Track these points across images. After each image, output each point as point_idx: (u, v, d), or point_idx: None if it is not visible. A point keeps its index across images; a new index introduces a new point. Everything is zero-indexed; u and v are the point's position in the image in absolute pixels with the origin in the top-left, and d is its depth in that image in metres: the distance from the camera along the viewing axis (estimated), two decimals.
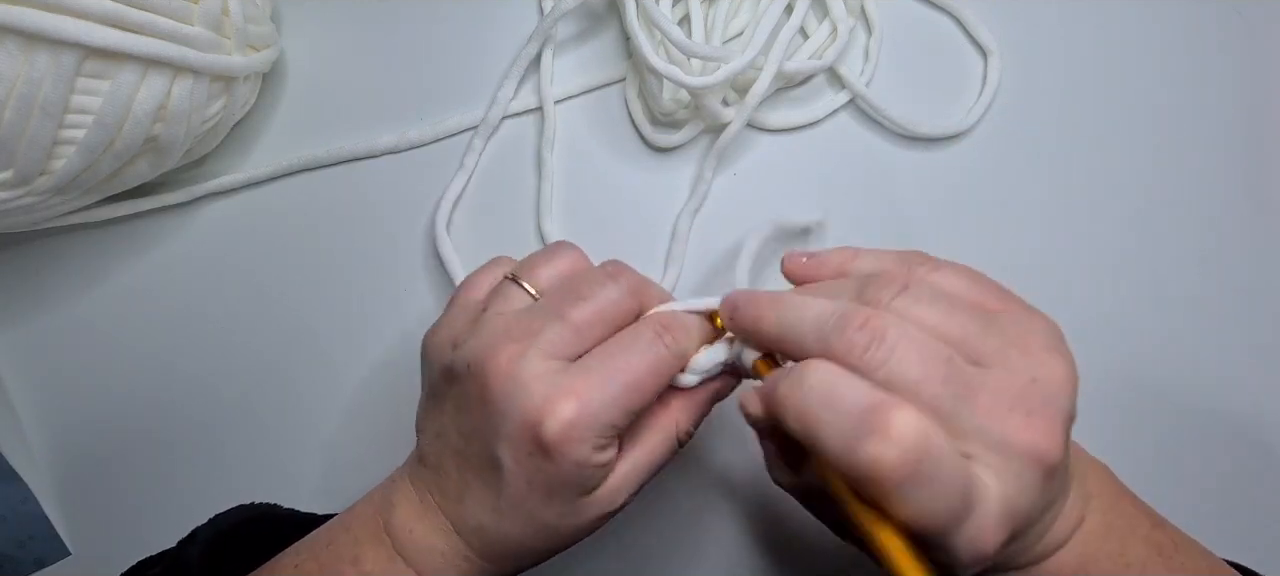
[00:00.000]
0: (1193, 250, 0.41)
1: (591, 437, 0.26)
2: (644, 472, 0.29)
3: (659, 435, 0.29)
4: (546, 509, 0.28)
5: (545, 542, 0.29)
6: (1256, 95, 0.42)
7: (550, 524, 0.28)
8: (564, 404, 0.26)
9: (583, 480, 0.27)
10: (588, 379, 0.26)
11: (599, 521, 0.29)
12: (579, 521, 0.28)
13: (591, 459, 0.27)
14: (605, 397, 0.26)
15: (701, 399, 0.30)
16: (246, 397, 0.41)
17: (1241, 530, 0.38)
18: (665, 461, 0.30)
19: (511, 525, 0.28)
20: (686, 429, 0.30)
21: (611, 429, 0.27)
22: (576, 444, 0.26)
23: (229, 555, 0.32)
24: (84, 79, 0.32)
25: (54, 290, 0.42)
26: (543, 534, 0.28)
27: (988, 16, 0.42)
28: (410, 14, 0.44)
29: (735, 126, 0.40)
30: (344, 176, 0.43)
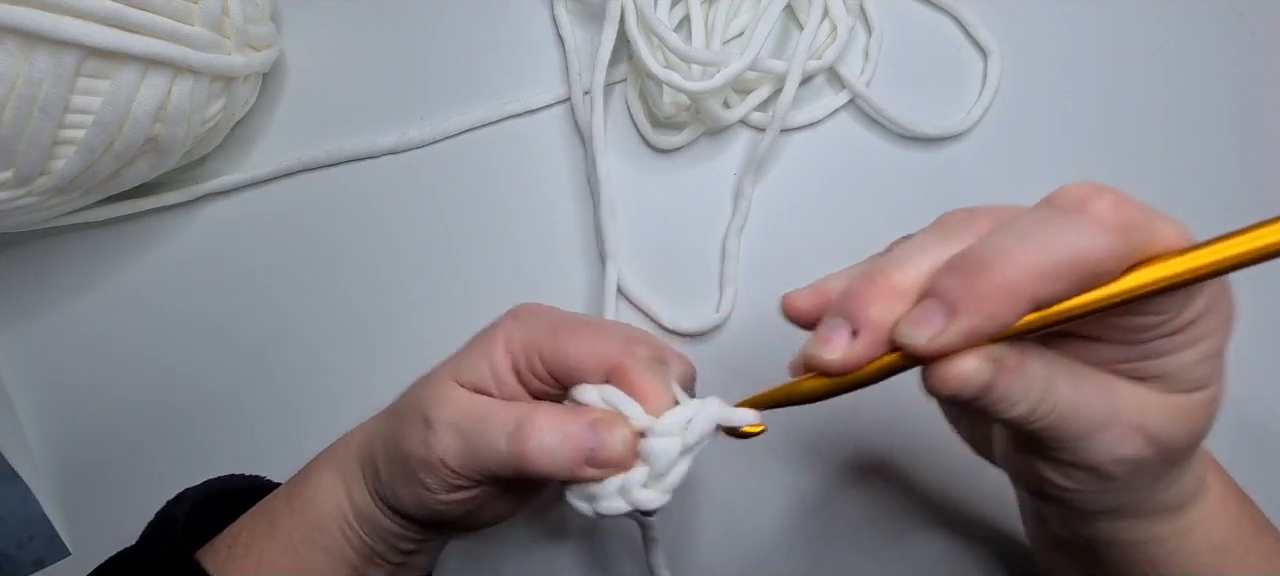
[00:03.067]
0: None
1: (516, 328, 0.28)
2: (469, 416, 0.27)
3: (505, 409, 0.27)
4: (448, 359, 0.29)
5: (397, 404, 0.30)
6: (1256, 95, 0.42)
7: (423, 378, 0.30)
8: (536, 306, 0.29)
9: (475, 351, 0.29)
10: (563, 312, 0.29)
11: (416, 421, 0.27)
12: (413, 395, 0.29)
13: (497, 342, 0.28)
14: (555, 321, 0.28)
15: (574, 442, 0.25)
16: (246, 397, 0.41)
17: None
18: (490, 447, 0.26)
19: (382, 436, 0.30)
20: (532, 438, 0.25)
21: (526, 340, 0.28)
22: (509, 320, 0.29)
23: (216, 516, 0.32)
24: (84, 79, 0.32)
25: (54, 290, 0.42)
26: (408, 390, 0.30)
27: (988, 16, 0.42)
28: (410, 14, 0.44)
29: (769, 137, 0.40)
30: (344, 176, 0.43)
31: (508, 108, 0.42)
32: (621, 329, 0.29)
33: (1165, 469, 0.25)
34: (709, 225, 0.41)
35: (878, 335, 0.22)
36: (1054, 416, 0.22)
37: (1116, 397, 0.23)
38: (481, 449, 0.26)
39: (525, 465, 0.25)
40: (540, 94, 0.42)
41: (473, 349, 0.29)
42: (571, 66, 0.42)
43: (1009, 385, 0.22)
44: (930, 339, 0.21)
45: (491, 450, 0.26)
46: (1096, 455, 0.23)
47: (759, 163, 0.41)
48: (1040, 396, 0.22)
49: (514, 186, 0.42)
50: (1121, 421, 0.23)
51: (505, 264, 0.42)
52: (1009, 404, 0.22)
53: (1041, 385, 0.22)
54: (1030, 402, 0.22)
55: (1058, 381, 0.22)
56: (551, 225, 0.42)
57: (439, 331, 0.41)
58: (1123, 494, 0.25)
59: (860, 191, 0.42)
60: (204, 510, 0.32)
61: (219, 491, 0.34)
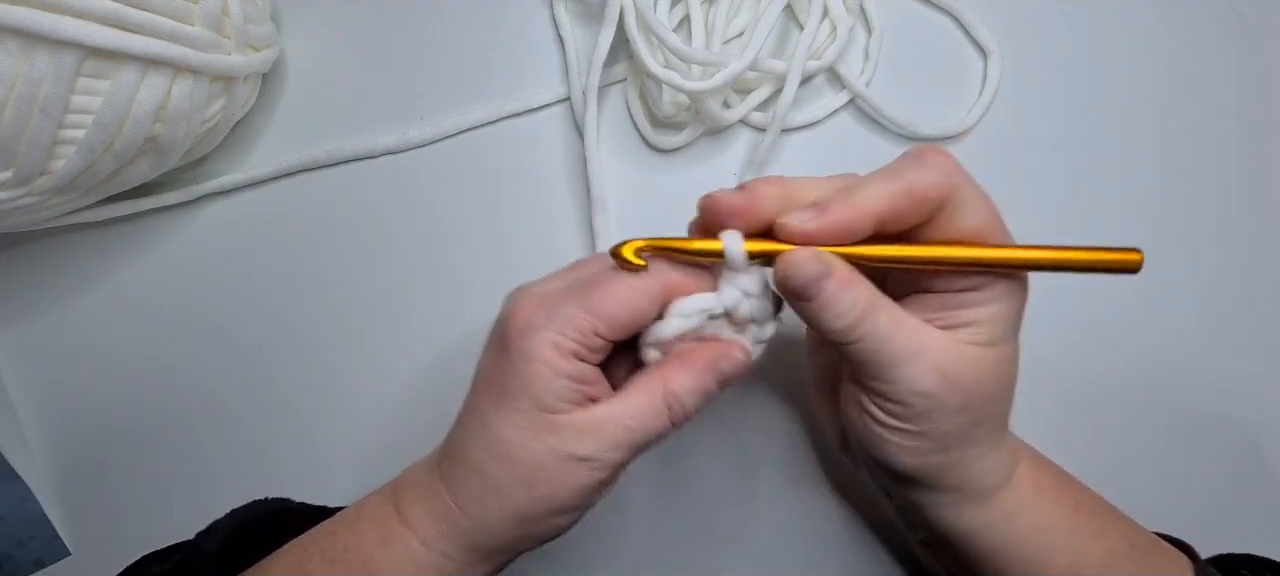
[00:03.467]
0: (1193, 249, 0.41)
1: (547, 331, 0.27)
2: (624, 429, 0.27)
3: (645, 395, 0.28)
4: (499, 414, 0.27)
5: (508, 471, 0.27)
6: (1256, 95, 0.42)
7: (508, 439, 0.27)
8: (530, 301, 0.28)
9: (535, 379, 0.27)
10: (561, 286, 0.28)
11: (565, 466, 0.27)
12: (542, 448, 0.27)
13: (545, 353, 0.27)
14: (570, 295, 0.27)
15: (698, 365, 0.28)
16: (246, 397, 0.41)
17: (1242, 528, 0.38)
18: (655, 431, 0.28)
19: (473, 437, 0.28)
20: (679, 396, 0.28)
21: (574, 328, 0.27)
22: (530, 333, 0.27)
23: (247, 547, 0.32)
24: (84, 79, 0.32)
25: (54, 290, 0.42)
26: (504, 454, 0.27)
27: (988, 16, 0.42)
28: (410, 14, 0.44)
29: (769, 137, 0.40)
30: (344, 176, 0.43)
31: (507, 107, 0.42)
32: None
33: (969, 430, 0.28)
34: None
35: (755, 199, 0.27)
36: (873, 339, 0.27)
37: (925, 338, 0.27)
38: (645, 441, 0.28)
39: (689, 417, 0.28)
40: (540, 94, 0.42)
41: (530, 377, 0.27)
42: (571, 66, 0.42)
43: (837, 291, 0.26)
44: (799, 224, 0.27)
45: (657, 432, 0.28)
46: (903, 384, 0.27)
47: (759, 163, 0.41)
48: (862, 314, 0.27)
49: (514, 186, 0.42)
50: (925, 358, 0.27)
51: (505, 263, 0.42)
52: (835, 311, 0.26)
53: (864, 306, 0.27)
54: (853, 316, 0.27)
55: (878, 311, 0.27)
56: (551, 224, 0.42)
57: (438, 331, 0.41)
58: (934, 452, 0.28)
59: None
60: (234, 540, 0.32)
61: (248, 520, 0.33)
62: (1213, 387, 0.40)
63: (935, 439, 0.28)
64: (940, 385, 0.27)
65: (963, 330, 0.27)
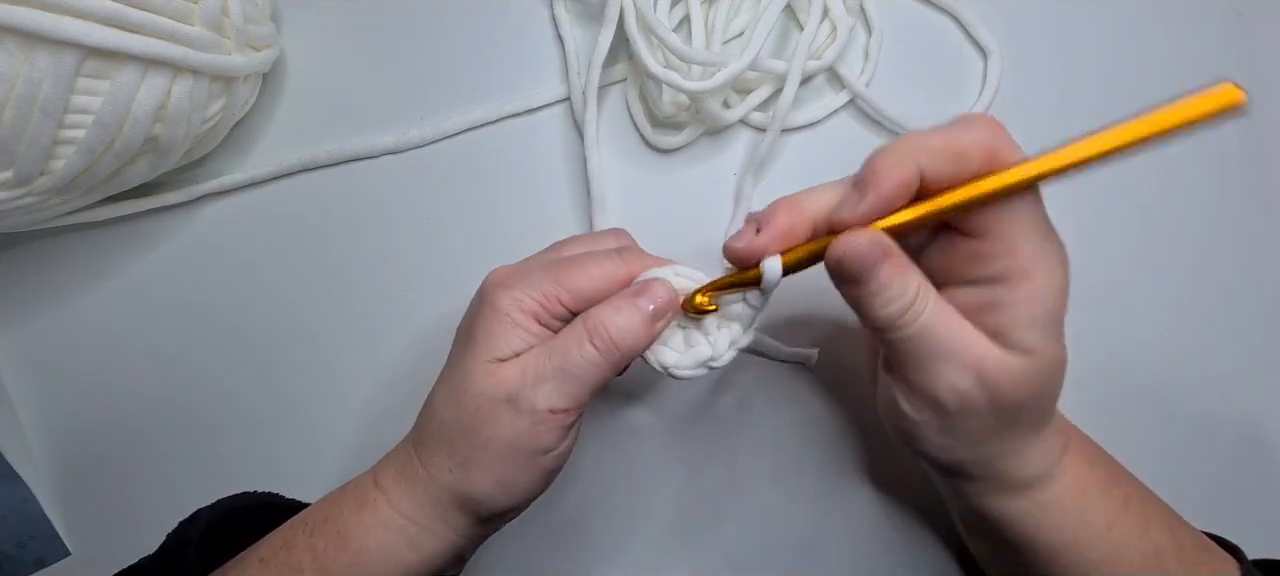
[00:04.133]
0: (1193, 249, 0.41)
1: (515, 290, 0.29)
2: (544, 357, 0.28)
3: (570, 329, 0.29)
4: (459, 361, 0.29)
5: (454, 416, 0.29)
6: (1256, 95, 0.42)
7: (457, 382, 0.29)
8: (508, 268, 0.30)
9: (495, 331, 0.29)
10: (541, 259, 0.31)
11: (500, 408, 0.28)
12: (476, 388, 0.28)
13: (508, 310, 0.29)
14: (544, 270, 0.29)
15: (630, 309, 0.29)
16: (246, 397, 0.41)
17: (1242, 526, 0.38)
18: (580, 362, 0.28)
19: (439, 385, 0.30)
20: (602, 322, 0.28)
21: (538, 291, 0.29)
22: (499, 290, 0.29)
23: (231, 536, 0.32)
24: (84, 79, 0.32)
25: (54, 290, 0.42)
26: (451, 400, 0.29)
27: (988, 16, 0.42)
28: (410, 14, 0.44)
29: (769, 137, 0.40)
30: (344, 176, 0.43)
31: (507, 107, 0.42)
32: (603, 242, 0.32)
33: (1004, 429, 0.28)
34: (709, 225, 0.41)
35: (775, 233, 0.28)
36: (916, 328, 0.27)
37: (966, 336, 0.27)
38: (576, 372, 0.28)
39: (619, 352, 0.29)
40: (540, 93, 0.42)
41: (489, 328, 0.29)
42: (571, 66, 0.42)
43: (891, 275, 0.26)
44: (851, 210, 0.27)
45: (587, 365, 0.28)
46: (938, 382, 0.27)
47: (759, 163, 0.41)
48: (911, 302, 0.26)
49: (514, 186, 0.42)
50: (965, 356, 0.26)
51: (505, 263, 0.41)
52: (887, 297, 0.26)
53: (913, 293, 0.27)
54: (903, 303, 0.26)
55: (928, 300, 0.27)
56: (551, 223, 0.42)
57: (439, 330, 0.41)
58: (966, 447, 0.28)
59: None
60: (218, 530, 0.32)
61: (232, 509, 0.34)
62: (1212, 385, 0.40)
63: (967, 436, 0.28)
64: (975, 386, 0.26)
65: (1003, 336, 0.27)
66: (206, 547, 0.31)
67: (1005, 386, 0.26)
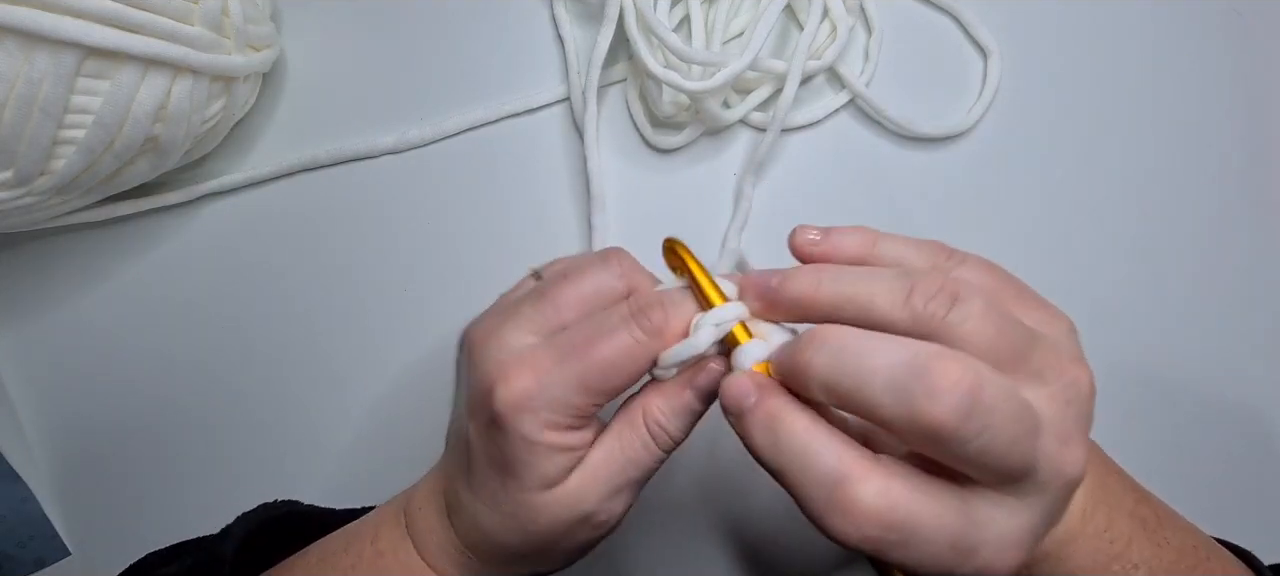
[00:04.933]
0: (1193, 248, 0.41)
1: (542, 412, 0.25)
2: (617, 471, 0.27)
3: (628, 429, 0.27)
4: (504, 492, 0.27)
5: (521, 541, 0.27)
6: (1256, 95, 0.42)
7: (514, 514, 0.27)
8: (517, 373, 0.25)
9: (536, 462, 0.26)
10: (547, 353, 0.26)
11: (575, 526, 0.27)
12: (546, 519, 0.27)
13: (542, 437, 0.25)
14: (562, 371, 0.25)
15: (681, 391, 0.27)
16: (246, 397, 0.41)
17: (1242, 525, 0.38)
18: (646, 464, 0.27)
19: (483, 509, 0.27)
20: (662, 424, 0.27)
21: (568, 408, 0.25)
22: (524, 415, 0.25)
23: (262, 551, 0.32)
24: (84, 79, 0.32)
25: (54, 290, 0.42)
26: (514, 528, 0.27)
27: (988, 16, 0.42)
28: (410, 14, 0.44)
29: (770, 138, 0.40)
30: (344, 176, 0.43)
31: (507, 107, 0.42)
32: (599, 276, 0.28)
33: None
34: (709, 225, 0.41)
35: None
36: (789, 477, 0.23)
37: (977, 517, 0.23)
38: (640, 476, 0.27)
39: (676, 440, 0.27)
40: (540, 93, 0.42)
41: (528, 459, 0.26)
42: (571, 66, 0.42)
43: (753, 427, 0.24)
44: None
45: (648, 464, 0.27)
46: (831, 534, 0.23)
47: (759, 163, 0.41)
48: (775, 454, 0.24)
49: (514, 186, 0.42)
50: (989, 546, 0.23)
51: (505, 263, 0.41)
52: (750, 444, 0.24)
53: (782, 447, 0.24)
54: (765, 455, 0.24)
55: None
56: (551, 224, 0.42)
57: (439, 330, 0.41)
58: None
59: (860, 191, 0.42)
60: (251, 546, 0.32)
61: (262, 523, 0.34)
62: (1212, 384, 0.40)
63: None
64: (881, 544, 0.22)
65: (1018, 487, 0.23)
66: (240, 564, 0.31)
67: (1054, 520, 0.24)
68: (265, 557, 0.32)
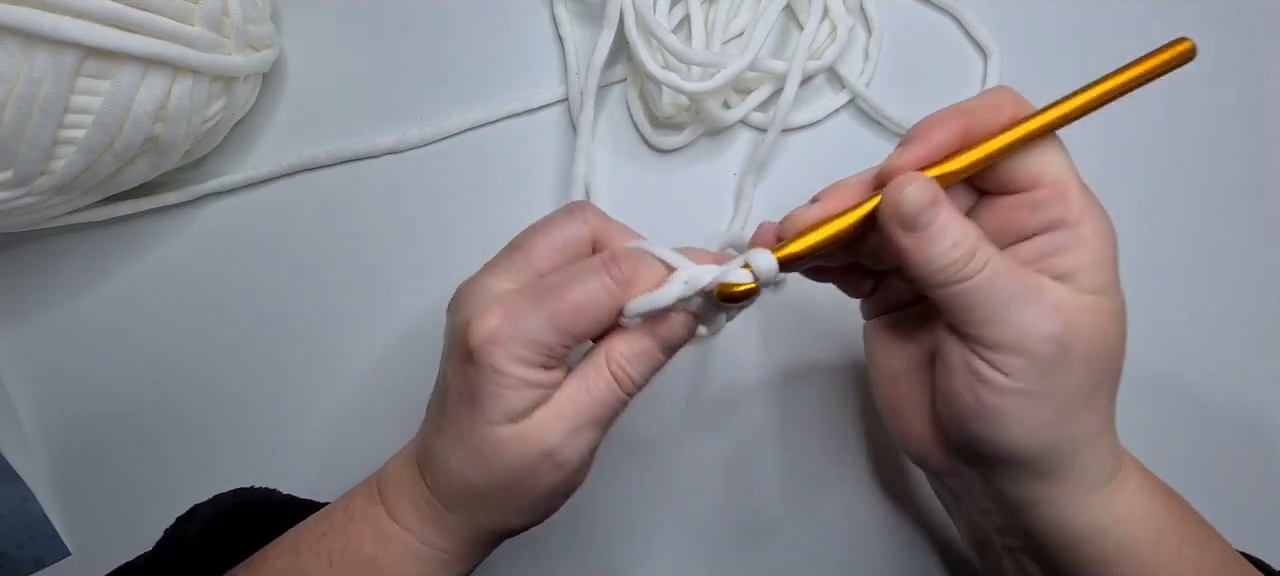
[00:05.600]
0: (1193, 248, 0.41)
1: (513, 348, 0.26)
2: (582, 409, 0.28)
3: (593, 370, 0.28)
4: (471, 426, 0.27)
5: (486, 478, 0.28)
6: (1256, 95, 0.42)
7: (480, 449, 0.27)
8: (491, 312, 0.27)
9: (504, 393, 0.27)
10: (521, 296, 0.27)
11: (538, 462, 0.28)
12: (511, 454, 0.27)
13: (511, 369, 0.26)
14: (533, 313, 0.27)
15: (643, 338, 0.28)
16: (246, 397, 0.41)
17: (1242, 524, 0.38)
18: (609, 404, 0.28)
19: (451, 447, 0.28)
20: (625, 367, 0.28)
21: (538, 345, 0.27)
22: (495, 348, 0.26)
23: (230, 534, 0.32)
24: (84, 79, 0.32)
25: (54, 290, 0.42)
26: (480, 465, 0.28)
27: (988, 16, 0.42)
28: (410, 14, 0.44)
29: (770, 138, 0.40)
30: (344, 176, 0.43)
31: (507, 107, 0.42)
32: (566, 227, 0.30)
33: (1092, 389, 0.26)
34: (709, 226, 0.41)
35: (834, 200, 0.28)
36: (988, 272, 0.25)
37: (1038, 280, 0.25)
38: (608, 415, 0.28)
39: (640, 387, 0.28)
40: (540, 94, 0.42)
41: (497, 391, 0.27)
42: (571, 66, 0.42)
43: (949, 220, 0.25)
44: (897, 158, 0.27)
45: (617, 404, 0.28)
46: (1027, 329, 0.25)
47: (759, 163, 0.41)
48: (974, 246, 0.25)
49: (514, 186, 0.42)
50: (1045, 299, 0.25)
51: None
52: (949, 240, 0.25)
53: (975, 237, 0.25)
54: (967, 247, 0.25)
55: (991, 248, 0.25)
56: None
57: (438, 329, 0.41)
58: (1052, 420, 0.26)
59: None
60: (215, 527, 0.32)
61: (230, 506, 0.34)
62: (1212, 383, 0.40)
63: (1057, 402, 0.25)
64: (1066, 328, 0.25)
65: (1075, 275, 0.26)
66: (204, 544, 0.31)
67: (1091, 328, 0.25)
68: (235, 540, 0.32)
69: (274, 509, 0.33)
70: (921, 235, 0.25)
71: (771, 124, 0.40)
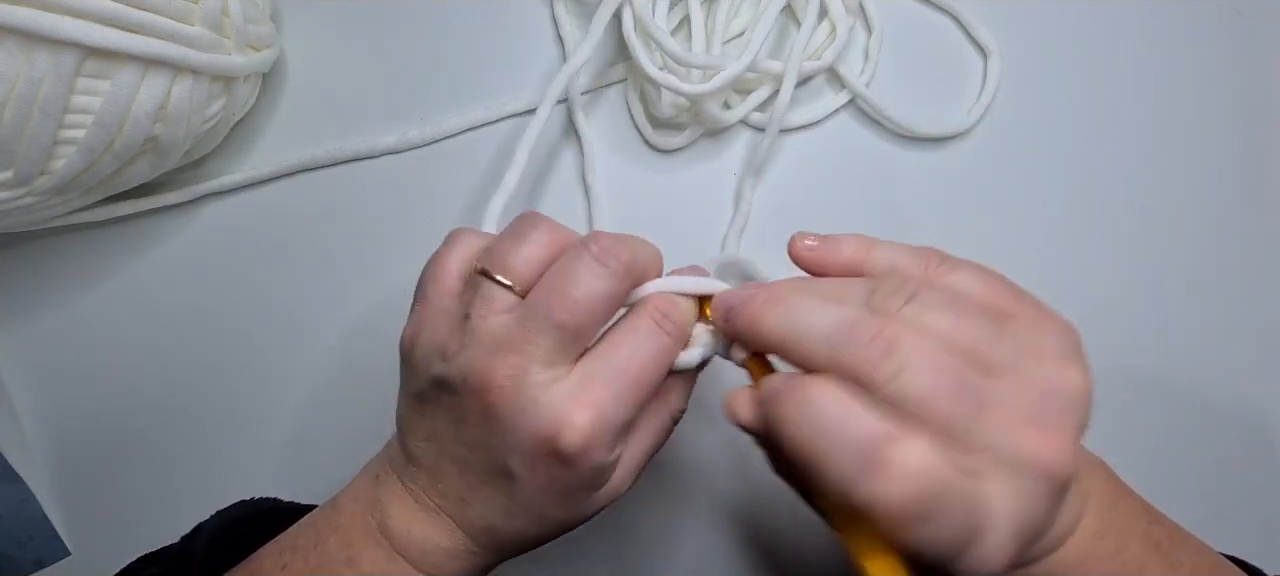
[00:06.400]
0: (1192, 249, 0.41)
1: (608, 440, 0.26)
2: (646, 457, 0.29)
3: (655, 419, 0.29)
4: (560, 508, 0.28)
5: (553, 532, 0.29)
6: (1256, 95, 0.42)
7: (561, 519, 0.29)
8: (579, 414, 0.26)
9: (598, 480, 0.28)
10: (596, 385, 0.26)
11: (598, 507, 0.29)
12: (588, 512, 0.29)
13: (608, 459, 0.27)
14: (616, 399, 0.26)
15: (690, 376, 0.30)
16: (246, 397, 0.41)
17: (1242, 524, 0.38)
18: (664, 441, 0.30)
19: (523, 523, 0.29)
20: (680, 407, 0.30)
21: (624, 426, 0.27)
22: (596, 451, 0.26)
23: (232, 549, 0.32)
24: (84, 79, 0.32)
25: (54, 290, 0.42)
26: (553, 526, 0.29)
27: (988, 16, 0.42)
28: (410, 14, 0.44)
29: (768, 139, 0.40)
30: (344, 176, 0.43)
31: (507, 107, 0.42)
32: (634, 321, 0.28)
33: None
34: (710, 225, 0.41)
35: None
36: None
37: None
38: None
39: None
40: (540, 94, 0.42)
41: (586, 482, 0.27)
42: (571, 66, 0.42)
43: None
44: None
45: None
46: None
47: (759, 166, 0.41)
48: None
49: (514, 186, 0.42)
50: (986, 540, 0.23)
51: None
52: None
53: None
54: None
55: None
56: None
57: None
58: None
59: (860, 191, 0.42)
60: (222, 542, 0.32)
61: (234, 520, 0.33)
62: (1211, 384, 0.40)
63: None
64: (1020, 548, 0.23)
65: None
66: (210, 561, 0.31)
67: (1039, 520, 0.24)
68: (239, 553, 0.31)
69: (278, 517, 0.33)
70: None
71: (769, 125, 0.40)
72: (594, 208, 0.41)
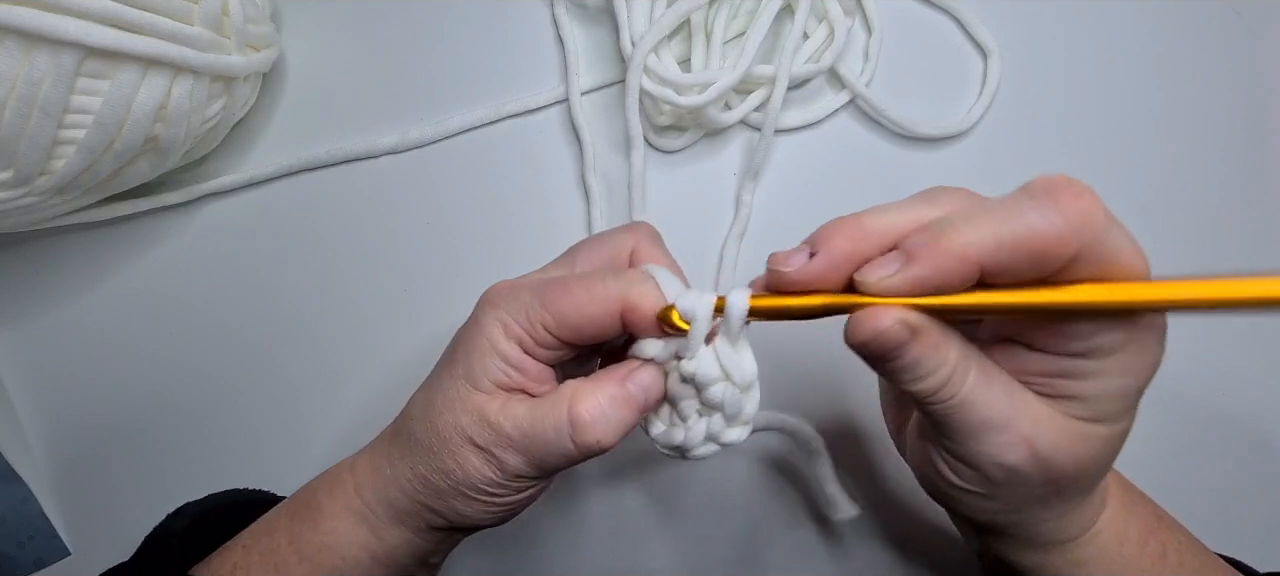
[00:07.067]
0: (1193, 249, 0.41)
1: (501, 313, 0.27)
2: (519, 431, 0.27)
3: (551, 406, 0.27)
4: (438, 377, 0.28)
5: (423, 433, 0.28)
6: (1256, 95, 0.42)
7: (430, 398, 0.28)
8: (504, 283, 0.28)
9: (474, 353, 0.27)
10: (535, 277, 0.29)
11: (472, 432, 0.27)
12: (451, 415, 0.27)
13: (492, 330, 0.27)
14: (532, 291, 0.27)
15: (608, 383, 0.27)
16: (246, 397, 0.41)
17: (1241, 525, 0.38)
18: (554, 447, 0.27)
19: (418, 389, 0.29)
20: (583, 418, 0.26)
21: (523, 318, 0.27)
22: (488, 309, 0.27)
23: (218, 530, 0.32)
24: (84, 79, 0.32)
25: (54, 290, 0.42)
26: (423, 415, 0.28)
27: (988, 16, 0.42)
28: (410, 14, 0.44)
29: (764, 140, 0.40)
30: (344, 176, 0.43)
31: (507, 107, 0.42)
32: (620, 242, 0.30)
33: (1052, 498, 0.25)
34: (710, 224, 0.41)
35: (833, 260, 0.23)
36: (955, 403, 0.23)
37: (1017, 406, 0.24)
38: (548, 455, 0.27)
39: (597, 448, 0.27)
40: (539, 94, 0.42)
41: (471, 348, 0.27)
42: (571, 67, 0.42)
43: (921, 354, 0.23)
44: (879, 280, 0.23)
45: (560, 452, 0.27)
46: (983, 454, 0.24)
47: (757, 169, 0.41)
48: (947, 378, 0.23)
49: (514, 186, 0.42)
50: (1014, 429, 0.23)
51: (505, 263, 0.41)
52: (917, 374, 0.23)
53: (950, 369, 0.23)
54: (938, 380, 0.23)
55: (969, 372, 0.23)
56: (551, 224, 0.42)
57: (439, 330, 0.41)
58: (1006, 512, 0.26)
59: (860, 191, 0.42)
60: (204, 524, 0.32)
61: (220, 505, 0.33)
62: (1211, 384, 0.40)
63: (1008, 504, 0.26)
64: (1027, 461, 0.24)
65: (1069, 403, 0.24)
66: (192, 540, 0.31)
67: (1061, 460, 0.24)
68: (220, 539, 0.32)
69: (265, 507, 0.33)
70: (887, 366, 0.24)
71: (763, 128, 0.40)
72: (594, 208, 0.41)
